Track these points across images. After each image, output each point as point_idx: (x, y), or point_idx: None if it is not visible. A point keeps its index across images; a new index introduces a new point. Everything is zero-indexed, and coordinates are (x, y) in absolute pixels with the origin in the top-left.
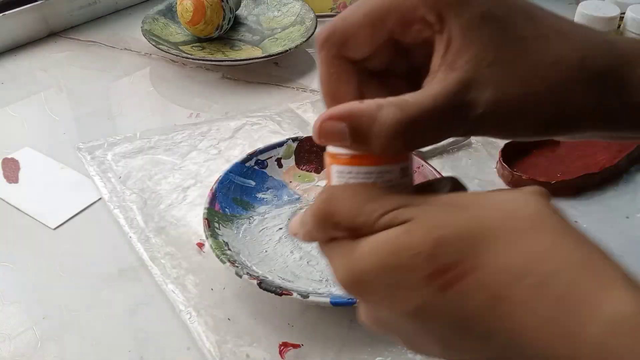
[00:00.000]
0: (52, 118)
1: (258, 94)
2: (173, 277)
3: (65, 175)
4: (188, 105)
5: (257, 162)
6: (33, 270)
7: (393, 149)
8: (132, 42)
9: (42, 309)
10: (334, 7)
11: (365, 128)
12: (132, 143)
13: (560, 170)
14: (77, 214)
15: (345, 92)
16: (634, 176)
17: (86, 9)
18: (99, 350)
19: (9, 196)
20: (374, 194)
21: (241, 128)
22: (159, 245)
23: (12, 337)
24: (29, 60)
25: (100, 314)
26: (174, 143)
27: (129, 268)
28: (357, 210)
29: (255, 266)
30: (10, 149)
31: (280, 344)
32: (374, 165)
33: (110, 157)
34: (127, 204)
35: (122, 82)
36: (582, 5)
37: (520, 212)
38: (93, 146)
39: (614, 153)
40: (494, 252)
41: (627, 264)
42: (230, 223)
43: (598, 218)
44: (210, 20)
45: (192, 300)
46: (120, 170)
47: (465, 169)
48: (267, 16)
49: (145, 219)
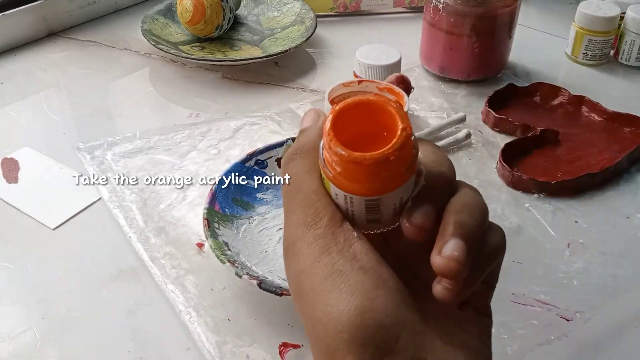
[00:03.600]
0: (52, 118)
1: (258, 94)
2: (173, 277)
3: (65, 175)
4: (188, 105)
5: (257, 162)
6: (33, 270)
7: None
8: (131, 41)
9: (42, 309)
10: (334, 7)
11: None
12: (132, 143)
13: (560, 170)
14: (76, 214)
15: None
16: (634, 176)
17: (86, 9)
18: (98, 351)
19: (8, 196)
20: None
21: (241, 128)
22: (158, 245)
23: (12, 337)
24: (28, 60)
25: (100, 314)
26: (174, 143)
27: (129, 268)
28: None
29: (255, 266)
30: (9, 148)
31: (280, 345)
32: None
33: (109, 157)
34: (126, 203)
35: (122, 82)
36: (582, 5)
37: None
38: (92, 146)
39: (614, 153)
40: None
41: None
42: (230, 223)
43: (598, 218)
44: (210, 20)
45: (192, 301)
46: (119, 170)
47: (465, 169)
48: (267, 16)
49: (145, 219)
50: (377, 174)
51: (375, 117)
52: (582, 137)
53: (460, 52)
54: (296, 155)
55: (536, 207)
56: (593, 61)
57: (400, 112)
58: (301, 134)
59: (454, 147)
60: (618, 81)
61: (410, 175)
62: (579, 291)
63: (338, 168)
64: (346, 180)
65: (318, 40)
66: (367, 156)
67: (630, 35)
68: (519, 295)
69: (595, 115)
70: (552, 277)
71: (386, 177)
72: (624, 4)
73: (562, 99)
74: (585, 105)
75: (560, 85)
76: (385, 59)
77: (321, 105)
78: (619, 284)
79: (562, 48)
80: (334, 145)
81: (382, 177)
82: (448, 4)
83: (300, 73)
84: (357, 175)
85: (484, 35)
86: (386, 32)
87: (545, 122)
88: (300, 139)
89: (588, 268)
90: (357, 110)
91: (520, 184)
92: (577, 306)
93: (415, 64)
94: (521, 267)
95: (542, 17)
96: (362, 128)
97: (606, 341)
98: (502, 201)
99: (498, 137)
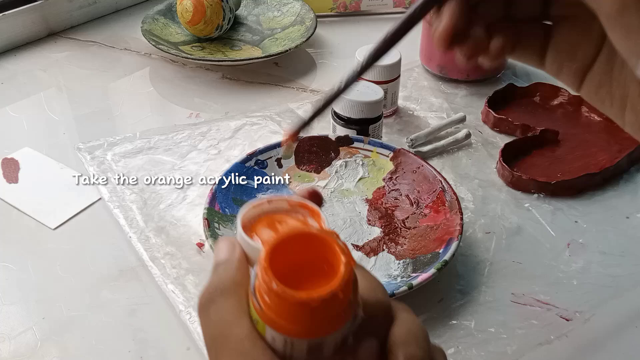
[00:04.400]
0: (52, 118)
1: (258, 94)
2: (173, 277)
3: (65, 175)
4: (188, 105)
5: (257, 162)
6: (33, 270)
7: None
8: (132, 42)
9: (42, 309)
10: (334, 7)
11: None
12: (132, 143)
13: (560, 170)
14: (76, 214)
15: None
16: (634, 176)
17: (86, 9)
18: (99, 350)
19: (9, 196)
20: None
21: (241, 128)
22: (158, 245)
23: (12, 337)
24: (28, 60)
25: (100, 313)
26: (174, 143)
27: (129, 268)
28: None
29: None
30: (10, 149)
31: None
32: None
33: (110, 157)
34: (127, 203)
35: (122, 82)
36: None
37: None
38: (93, 146)
39: (614, 153)
40: None
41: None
42: (230, 223)
43: (598, 218)
44: (210, 20)
45: (192, 301)
46: (120, 170)
47: (466, 169)
48: (267, 16)
49: (145, 219)
50: (324, 314)
51: (313, 250)
52: (581, 137)
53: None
54: (217, 296)
55: (536, 207)
56: None
57: (341, 244)
58: (218, 269)
59: (454, 147)
60: None
61: (354, 310)
62: (578, 291)
63: (278, 310)
64: (287, 322)
65: (318, 40)
66: (314, 296)
67: None
68: (519, 295)
69: (595, 115)
70: (551, 277)
71: (333, 315)
72: None
73: (562, 99)
74: (585, 105)
75: (560, 86)
76: (385, 59)
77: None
78: (619, 284)
79: None
80: (275, 285)
81: (328, 317)
82: None
83: (300, 73)
84: (302, 317)
85: None
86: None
87: (545, 122)
88: (218, 275)
89: (588, 268)
90: (293, 243)
91: (520, 184)
92: (576, 306)
93: (415, 64)
94: (521, 267)
95: None
96: (297, 262)
97: (606, 341)
98: (502, 201)
99: (498, 137)
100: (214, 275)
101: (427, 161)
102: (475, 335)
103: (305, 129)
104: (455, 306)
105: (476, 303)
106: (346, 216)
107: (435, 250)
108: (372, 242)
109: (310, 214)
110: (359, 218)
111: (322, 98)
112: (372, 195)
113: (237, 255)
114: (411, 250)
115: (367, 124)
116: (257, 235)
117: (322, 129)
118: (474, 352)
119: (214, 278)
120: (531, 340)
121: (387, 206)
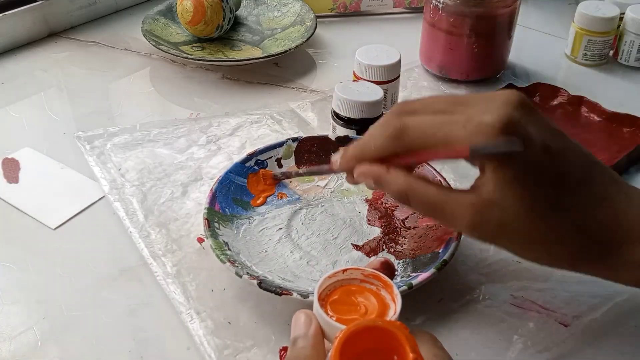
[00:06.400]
0: (53, 118)
1: (258, 94)
2: (173, 276)
3: (66, 175)
4: (188, 105)
5: (257, 162)
6: (33, 270)
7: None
8: (132, 42)
9: (42, 309)
10: (334, 7)
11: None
12: (132, 135)
13: None
14: (77, 214)
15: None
16: (633, 176)
17: (86, 9)
18: (99, 350)
19: (9, 196)
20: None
21: (241, 125)
22: (159, 241)
23: (12, 337)
24: (29, 61)
25: (100, 314)
26: (174, 137)
27: (129, 268)
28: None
29: (255, 266)
30: (10, 149)
31: (280, 349)
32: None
33: (109, 147)
34: (126, 197)
35: (122, 83)
36: (582, 5)
37: None
38: (92, 135)
39: (613, 153)
40: None
41: None
42: (230, 223)
43: None
44: (210, 20)
45: (192, 301)
46: (119, 162)
47: (466, 169)
48: (267, 16)
49: (145, 214)
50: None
51: (383, 341)
52: (581, 137)
53: (460, 52)
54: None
55: None
56: (592, 61)
57: (410, 339)
58: (296, 343)
59: None
60: (617, 81)
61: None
62: (578, 293)
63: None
64: None
65: (318, 40)
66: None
67: (629, 35)
68: (518, 297)
69: (595, 115)
70: (551, 277)
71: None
72: (624, 4)
73: (562, 99)
74: (584, 105)
75: (560, 86)
76: (385, 59)
77: (321, 106)
78: (618, 284)
79: (561, 48)
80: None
81: None
82: (448, 4)
83: (300, 73)
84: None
85: (484, 36)
86: (386, 32)
87: None
88: (296, 350)
89: None
90: (364, 334)
91: None
92: (575, 308)
93: (415, 64)
94: (521, 267)
95: (541, 18)
96: (369, 348)
97: (605, 342)
98: None
99: None
100: (292, 350)
101: (427, 161)
102: (475, 335)
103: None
104: (455, 306)
105: (476, 303)
106: (346, 216)
107: (435, 250)
108: (371, 242)
109: (383, 285)
110: (358, 218)
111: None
112: (371, 195)
113: (312, 331)
114: (411, 250)
115: (367, 124)
116: (331, 310)
117: (322, 129)
118: (473, 355)
119: (292, 353)
120: (530, 344)
121: (387, 206)
